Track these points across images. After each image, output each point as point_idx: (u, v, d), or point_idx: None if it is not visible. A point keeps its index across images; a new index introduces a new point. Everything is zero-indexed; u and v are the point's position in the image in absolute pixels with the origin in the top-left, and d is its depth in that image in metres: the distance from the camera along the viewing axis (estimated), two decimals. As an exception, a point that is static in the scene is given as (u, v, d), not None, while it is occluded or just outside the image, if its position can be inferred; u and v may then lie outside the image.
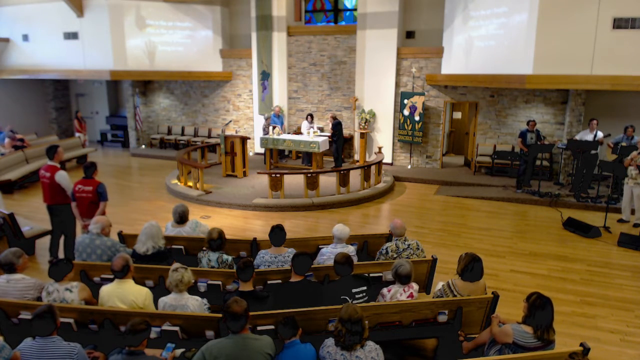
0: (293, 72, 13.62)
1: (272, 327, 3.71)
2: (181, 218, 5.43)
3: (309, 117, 12.31)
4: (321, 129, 12.89)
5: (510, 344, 3.42)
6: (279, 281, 4.46)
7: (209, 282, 4.47)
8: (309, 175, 9.62)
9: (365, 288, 4.16)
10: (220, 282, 4.46)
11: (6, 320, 3.94)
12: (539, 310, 3.35)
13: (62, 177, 6.04)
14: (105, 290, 3.95)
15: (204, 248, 4.80)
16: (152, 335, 3.64)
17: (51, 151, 6.14)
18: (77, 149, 13.41)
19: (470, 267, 4.07)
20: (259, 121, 13.51)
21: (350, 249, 5.00)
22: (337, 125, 11.62)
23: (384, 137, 12.75)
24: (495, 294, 4.08)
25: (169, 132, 15.65)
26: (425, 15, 12.43)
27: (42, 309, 3.17)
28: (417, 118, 12.03)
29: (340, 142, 11.83)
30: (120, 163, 14.07)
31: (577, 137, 9.94)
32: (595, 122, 9.62)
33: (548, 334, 3.35)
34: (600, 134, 9.60)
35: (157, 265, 4.59)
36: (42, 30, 13.75)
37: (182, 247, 5.31)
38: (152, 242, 4.71)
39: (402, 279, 4.08)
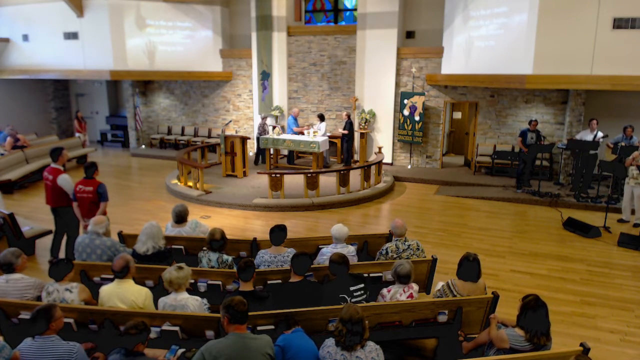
0: (293, 72, 13.62)
1: (272, 327, 3.71)
2: (179, 217, 5.44)
3: (319, 117, 12.19)
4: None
5: (507, 349, 3.42)
6: (279, 281, 4.46)
7: (209, 282, 4.47)
8: (309, 175, 9.62)
9: (362, 285, 4.18)
10: (220, 282, 4.46)
11: (6, 320, 3.94)
12: (530, 311, 3.34)
13: (63, 180, 6.02)
14: (105, 290, 3.95)
15: (204, 248, 4.81)
16: (152, 335, 3.64)
17: (55, 153, 6.10)
18: (77, 149, 13.40)
19: (461, 264, 4.12)
20: (260, 121, 13.48)
21: (350, 249, 5.00)
22: (350, 125, 11.75)
23: (384, 137, 12.74)
24: (495, 294, 4.09)
25: (169, 132, 15.65)
26: (425, 15, 12.43)
27: (39, 307, 3.18)
28: (417, 118, 12.03)
29: (350, 143, 11.98)
30: (120, 163, 14.07)
31: (578, 137, 9.95)
32: (595, 121, 9.63)
33: (539, 339, 3.32)
34: (600, 134, 9.61)
35: (157, 265, 4.58)
36: (42, 30, 13.73)
37: (182, 247, 5.31)
38: (152, 242, 4.71)
39: (402, 278, 4.08)
